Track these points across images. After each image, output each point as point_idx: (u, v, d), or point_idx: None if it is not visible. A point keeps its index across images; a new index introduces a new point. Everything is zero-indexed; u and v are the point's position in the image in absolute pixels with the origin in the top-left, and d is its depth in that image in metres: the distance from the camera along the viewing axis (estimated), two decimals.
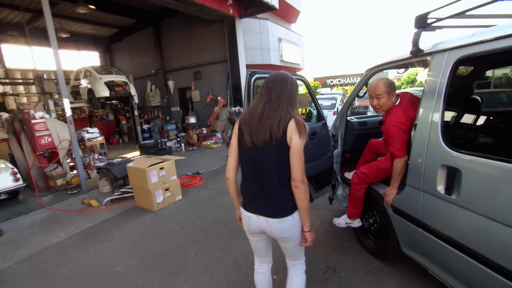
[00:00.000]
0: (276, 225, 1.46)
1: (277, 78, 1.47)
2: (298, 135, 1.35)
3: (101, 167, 4.94)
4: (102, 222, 3.85)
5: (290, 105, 1.43)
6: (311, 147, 2.71)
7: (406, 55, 1.99)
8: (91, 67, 8.63)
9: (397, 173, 2.02)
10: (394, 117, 2.02)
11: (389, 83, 2.11)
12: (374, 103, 2.16)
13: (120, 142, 11.85)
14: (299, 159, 1.37)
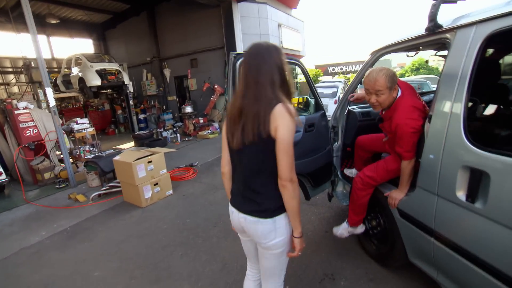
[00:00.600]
0: (253, 225, 1.23)
1: (252, 54, 1.15)
2: (284, 124, 1.07)
3: (88, 160, 4.68)
4: (87, 220, 3.63)
5: (274, 86, 1.12)
6: (308, 140, 2.43)
7: (419, 33, 1.67)
8: (81, 55, 8.25)
9: (406, 176, 1.74)
10: (403, 113, 1.69)
11: (391, 75, 1.73)
12: (372, 99, 1.80)
13: (116, 132, 11.60)
14: (286, 153, 1.10)
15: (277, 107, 1.08)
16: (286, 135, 1.08)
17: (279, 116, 1.07)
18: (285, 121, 1.07)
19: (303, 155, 2.43)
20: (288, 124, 1.07)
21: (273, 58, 1.14)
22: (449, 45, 1.45)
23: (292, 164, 1.11)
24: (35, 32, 4.32)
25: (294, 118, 1.08)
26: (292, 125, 1.09)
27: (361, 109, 2.77)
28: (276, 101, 1.10)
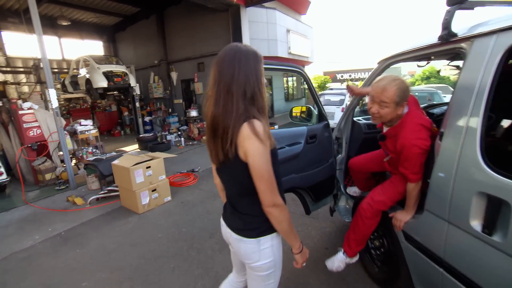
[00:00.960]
0: (237, 243, 1.16)
1: (228, 58, 1.00)
2: (253, 149, 0.95)
3: (88, 163, 4.64)
4: (82, 224, 3.55)
5: (246, 99, 0.98)
6: (309, 152, 2.30)
7: (432, 42, 1.53)
8: (89, 56, 8.32)
9: (413, 199, 1.59)
10: (411, 133, 1.50)
11: (403, 89, 1.51)
12: (373, 109, 1.58)
13: (121, 134, 11.64)
14: (261, 179, 0.98)
15: (243, 128, 0.95)
16: (256, 161, 0.96)
17: (245, 139, 0.94)
18: (253, 146, 0.94)
19: (303, 168, 2.29)
20: (256, 149, 0.95)
21: (250, 66, 1.00)
22: (464, 56, 1.31)
23: (271, 188, 1.00)
24: (40, 32, 4.31)
25: (263, 140, 0.94)
26: (262, 149, 0.95)
27: (366, 120, 2.63)
28: (245, 117, 0.96)
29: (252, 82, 1.00)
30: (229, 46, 1.03)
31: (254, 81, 1.00)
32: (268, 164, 0.97)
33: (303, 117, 2.70)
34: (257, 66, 1.02)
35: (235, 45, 1.03)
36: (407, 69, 27.06)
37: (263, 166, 0.96)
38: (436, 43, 1.48)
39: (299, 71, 2.17)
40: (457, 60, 2.14)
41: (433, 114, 2.37)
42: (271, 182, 0.99)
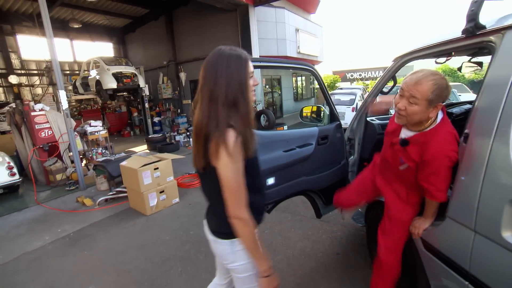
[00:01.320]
0: (213, 244, 1.18)
1: (208, 64, 0.99)
2: (221, 162, 0.94)
3: (97, 164, 4.66)
4: (91, 225, 3.55)
5: (227, 106, 0.96)
6: (321, 154, 2.21)
7: (455, 37, 1.42)
8: (99, 58, 8.43)
9: (433, 209, 1.46)
10: (445, 143, 1.29)
11: (442, 87, 1.26)
12: (400, 105, 1.34)
13: (131, 134, 11.77)
14: (228, 190, 0.98)
15: (213, 141, 0.93)
16: (223, 173, 0.96)
17: (214, 152, 0.94)
18: (221, 160, 0.93)
19: (314, 170, 2.21)
20: (224, 163, 0.93)
21: (231, 70, 0.96)
22: (493, 50, 1.20)
23: (238, 200, 0.98)
24: (51, 35, 4.36)
25: (232, 152, 0.92)
26: (228, 161, 0.93)
27: (380, 120, 2.51)
28: (227, 125, 0.94)
29: (234, 87, 0.96)
30: (213, 51, 1.01)
31: (237, 86, 0.96)
32: (235, 176, 0.96)
33: (313, 117, 2.61)
34: (240, 69, 0.98)
35: (218, 49, 1.00)
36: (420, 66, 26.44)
37: (229, 178, 0.96)
38: (460, 37, 1.37)
39: (310, 69, 2.08)
40: (479, 56, 2.01)
41: (452, 113, 2.24)
42: (236, 194, 0.98)
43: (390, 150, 1.59)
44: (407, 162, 1.44)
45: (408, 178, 1.53)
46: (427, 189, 1.39)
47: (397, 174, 1.60)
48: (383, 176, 1.76)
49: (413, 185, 1.53)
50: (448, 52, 1.65)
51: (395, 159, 1.54)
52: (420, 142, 1.36)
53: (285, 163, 1.96)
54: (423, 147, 1.35)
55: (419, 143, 1.37)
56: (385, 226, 1.71)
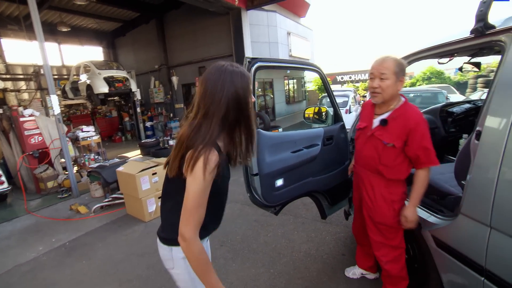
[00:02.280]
0: (158, 246, 1.16)
1: (210, 79, 0.96)
2: (194, 173, 0.91)
3: (91, 170, 4.53)
4: (87, 234, 3.43)
5: (224, 125, 0.97)
6: (326, 155, 2.21)
7: (462, 37, 1.45)
8: (90, 62, 8.25)
9: (422, 190, 1.55)
10: (418, 112, 1.54)
11: (401, 62, 1.54)
12: (374, 83, 1.55)
13: (122, 139, 11.55)
14: (187, 206, 0.93)
15: (192, 152, 0.91)
16: (191, 188, 0.92)
17: (189, 164, 0.91)
18: (193, 174, 0.90)
19: (320, 171, 2.20)
20: (195, 178, 0.90)
21: (236, 88, 0.95)
22: (504, 49, 1.23)
23: (190, 219, 0.93)
24: (42, 39, 4.24)
25: (207, 173, 0.90)
26: (201, 181, 0.90)
27: None
28: (209, 143, 0.92)
29: (234, 107, 0.95)
30: (215, 65, 0.99)
31: (237, 106, 0.96)
32: (199, 195, 0.92)
33: (316, 118, 2.62)
34: (243, 88, 0.97)
35: (221, 65, 0.98)
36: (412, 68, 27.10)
37: (193, 194, 0.92)
38: (468, 37, 1.40)
39: (316, 69, 2.08)
40: (479, 56, 2.07)
41: (453, 113, 2.29)
42: (192, 213, 0.93)
43: (368, 143, 1.71)
44: (391, 141, 1.55)
45: (390, 165, 1.60)
46: (421, 156, 1.49)
47: (378, 167, 1.66)
48: (362, 181, 1.80)
49: (395, 173, 1.60)
50: (453, 52, 1.69)
51: (376, 148, 1.64)
52: (397, 116, 1.55)
53: (293, 164, 1.95)
54: (402, 119, 1.52)
55: (397, 117, 1.55)
56: (377, 239, 1.75)
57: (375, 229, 1.77)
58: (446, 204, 1.67)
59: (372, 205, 1.74)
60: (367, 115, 1.76)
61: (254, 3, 8.48)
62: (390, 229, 1.71)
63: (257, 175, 1.79)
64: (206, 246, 1.32)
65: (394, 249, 1.73)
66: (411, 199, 1.57)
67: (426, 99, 7.20)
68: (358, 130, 1.83)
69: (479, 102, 2.48)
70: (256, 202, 1.88)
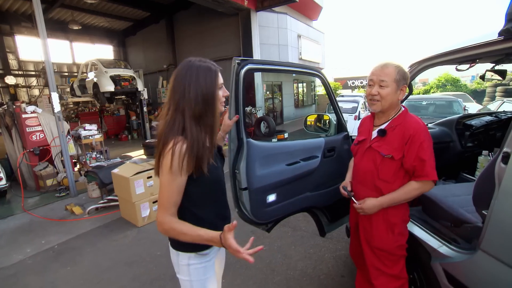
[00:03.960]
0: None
1: (177, 75, 1.01)
2: (164, 162, 0.97)
3: (88, 170, 4.45)
4: (78, 237, 3.32)
5: (192, 118, 0.99)
6: (327, 167, 2.01)
7: (489, 40, 1.23)
8: (97, 60, 8.27)
9: (403, 196, 1.38)
10: (419, 121, 1.39)
11: (403, 69, 1.40)
12: (374, 91, 1.41)
13: (128, 138, 11.56)
14: (158, 197, 1.03)
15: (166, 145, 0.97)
16: (160, 177, 0.99)
17: (162, 159, 0.98)
18: (164, 159, 0.96)
19: (319, 185, 2.00)
20: (163, 168, 0.97)
21: (201, 82, 1.00)
22: None
23: (159, 208, 1.01)
24: (45, 35, 4.20)
25: (173, 161, 0.95)
26: (166, 168, 0.95)
27: None
28: (177, 135, 0.97)
29: (201, 100, 0.99)
30: (183, 62, 1.04)
31: (204, 99, 1.00)
32: (166, 185, 0.98)
33: (318, 126, 2.42)
34: (209, 82, 1.01)
35: (188, 60, 1.03)
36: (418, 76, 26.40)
37: (163, 179, 0.98)
38: (496, 40, 1.18)
39: (318, 74, 1.89)
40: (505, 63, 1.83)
41: (472, 126, 2.05)
42: (161, 202, 1.00)
43: (365, 156, 1.53)
44: (390, 153, 1.40)
45: (390, 180, 1.42)
46: (417, 167, 1.32)
47: (376, 183, 1.46)
48: (359, 199, 1.56)
49: (393, 188, 1.42)
50: (475, 58, 1.47)
51: (374, 161, 1.47)
52: (396, 126, 1.41)
53: (288, 178, 1.75)
54: (401, 128, 1.38)
55: (396, 127, 1.41)
56: (375, 266, 1.52)
57: (372, 255, 1.56)
58: (461, 233, 1.44)
59: (370, 227, 1.53)
60: (366, 128, 1.59)
61: (264, 4, 8.34)
62: (390, 255, 1.50)
63: (246, 189, 1.61)
64: (221, 253, 1.32)
65: (395, 279, 1.51)
66: (384, 197, 1.40)
67: (440, 107, 6.83)
68: (356, 144, 1.64)
69: (502, 114, 2.23)
70: (245, 219, 1.70)
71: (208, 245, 1.10)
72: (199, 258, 1.10)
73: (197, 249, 1.09)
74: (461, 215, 1.47)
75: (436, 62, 1.66)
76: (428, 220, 1.67)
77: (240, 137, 1.55)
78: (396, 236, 1.44)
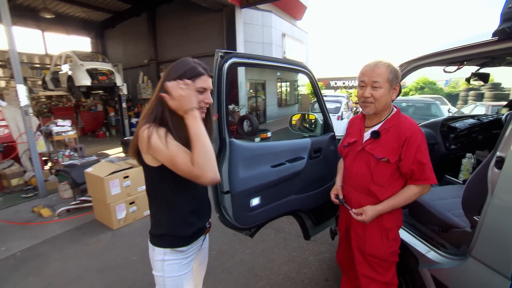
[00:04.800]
0: None
1: (170, 68, 1.07)
2: (142, 137, 0.97)
3: (59, 169, 4.14)
4: (45, 242, 3.06)
5: (160, 115, 1.03)
6: (313, 169, 1.94)
7: (482, 40, 1.19)
8: (72, 52, 7.79)
9: (403, 201, 1.32)
10: (413, 123, 1.33)
11: (395, 68, 1.33)
12: (367, 93, 1.32)
13: (106, 135, 11.06)
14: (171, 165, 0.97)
15: (143, 132, 0.97)
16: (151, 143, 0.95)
17: (141, 138, 0.98)
18: (142, 135, 0.96)
19: (305, 188, 1.92)
20: (154, 142, 0.94)
21: (175, 76, 1.02)
22: None
23: (186, 165, 0.93)
24: (9, 22, 3.84)
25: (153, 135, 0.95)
26: (156, 138, 0.94)
27: None
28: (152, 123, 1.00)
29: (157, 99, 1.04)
30: (180, 59, 1.09)
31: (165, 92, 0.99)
32: (164, 148, 0.94)
33: (304, 125, 2.34)
34: (178, 75, 1.02)
35: (184, 58, 1.07)
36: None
37: (163, 155, 0.96)
38: (489, 41, 1.14)
39: (306, 71, 1.81)
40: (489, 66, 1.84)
41: (456, 128, 2.05)
42: (183, 165, 0.94)
43: (358, 159, 1.45)
44: (385, 156, 1.32)
45: (385, 184, 1.35)
46: (416, 171, 1.26)
47: (370, 187, 1.39)
48: (351, 204, 1.50)
49: (391, 194, 1.35)
50: (465, 59, 1.44)
51: (368, 164, 1.39)
52: (390, 127, 1.34)
53: (273, 180, 1.66)
54: (396, 130, 1.32)
55: (390, 128, 1.34)
56: (366, 273, 1.46)
57: (364, 262, 1.50)
58: (449, 238, 1.41)
59: (363, 233, 1.47)
60: (356, 129, 1.51)
61: (249, 1, 8.21)
62: (383, 262, 1.44)
63: (228, 193, 1.50)
64: (203, 255, 1.30)
65: (386, 286, 1.47)
66: (384, 203, 1.33)
67: (419, 109, 7.02)
68: (346, 146, 1.56)
69: (484, 118, 2.26)
70: (227, 224, 1.59)
71: (185, 242, 1.10)
72: (174, 254, 1.09)
73: (173, 245, 1.08)
74: (449, 219, 1.44)
75: (427, 63, 1.62)
76: (416, 224, 1.63)
77: (222, 137, 1.44)
78: (391, 242, 1.38)
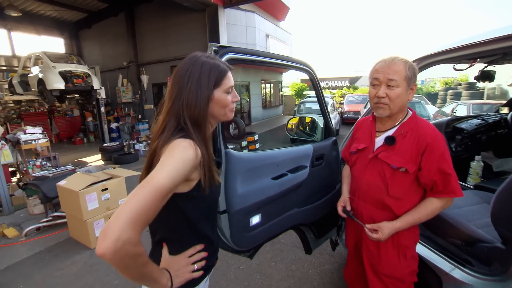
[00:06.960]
0: None
1: (178, 73, 0.85)
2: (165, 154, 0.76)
3: (28, 182, 3.73)
4: (8, 269, 2.68)
5: (188, 123, 0.81)
6: (315, 178, 1.75)
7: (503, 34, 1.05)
8: (42, 53, 7.23)
9: (426, 217, 1.16)
10: (429, 127, 1.18)
11: (413, 65, 1.18)
12: (381, 92, 1.15)
13: (84, 141, 10.45)
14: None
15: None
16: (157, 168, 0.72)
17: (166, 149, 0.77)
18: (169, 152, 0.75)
19: (307, 199, 1.74)
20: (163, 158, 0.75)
21: (202, 83, 0.82)
22: None
23: (134, 215, 0.66)
24: None
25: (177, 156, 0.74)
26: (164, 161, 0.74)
27: None
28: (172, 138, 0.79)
29: (199, 105, 0.82)
30: (189, 56, 0.88)
31: (203, 104, 0.82)
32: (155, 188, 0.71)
33: (301, 130, 2.17)
34: (211, 83, 0.84)
35: (194, 55, 0.87)
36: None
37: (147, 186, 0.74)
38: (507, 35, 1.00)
39: (306, 68, 1.62)
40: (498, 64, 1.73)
41: (463, 129, 1.94)
42: (136, 212, 0.70)
43: (369, 169, 1.28)
44: (402, 165, 1.16)
45: (402, 196, 1.19)
46: (439, 182, 1.10)
47: (385, 200, 1.23)
48: (362, 219, 1.33)
49: (409, 208, 1.19)
50: (479, 56, 1.31)
51: (382, 174, 1.22)
52: (406, 132, 1.19)
53: (274, 194, 1.46)
54: (415, 135, 1.16)
55: (406, 133, 1.18)
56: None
57: (378, 283, 1.33)
58: (476, 253, 1.26)
59: (377, 251, 1.30)
60: (366, 134, 1.34)
61: (233, 1, 8.00)
62: (400, 283, 1.28)
63: (225, 212, 1.28)
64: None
65: None
66: (402, 219, 1.17)
67: None
68: (354, 153, 1.39)
69: (487, 117, 2.18)
70: (224, 247, 1.38)
71: (198, 280, 0.92)
72: None
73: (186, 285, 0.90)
74: (473, 232, 1.30)
75: (435, 61, 1.49)
76: (432, 237, 1.48)
77: (217, 148, 1.22)
78: (409, 261, 1.22)
